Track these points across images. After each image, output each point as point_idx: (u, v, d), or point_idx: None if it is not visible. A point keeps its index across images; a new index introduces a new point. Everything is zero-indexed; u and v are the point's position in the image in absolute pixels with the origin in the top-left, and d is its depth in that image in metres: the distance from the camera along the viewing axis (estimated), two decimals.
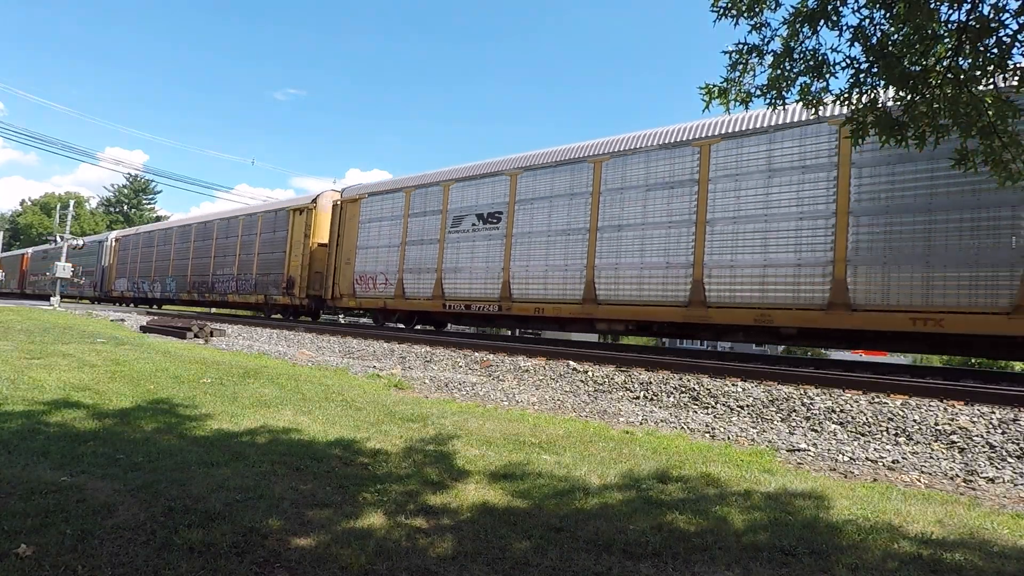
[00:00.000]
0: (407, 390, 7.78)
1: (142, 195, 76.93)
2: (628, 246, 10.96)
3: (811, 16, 3.03)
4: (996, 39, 2.76)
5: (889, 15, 2.98)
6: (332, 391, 6.84)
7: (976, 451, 4.99)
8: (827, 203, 8.90)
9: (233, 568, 2.36)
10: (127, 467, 3.57)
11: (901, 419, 5.63)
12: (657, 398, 7.15)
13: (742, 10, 3.10)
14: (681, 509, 3.31)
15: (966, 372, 9.39)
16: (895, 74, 2.95)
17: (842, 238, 8.71)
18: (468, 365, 9.61)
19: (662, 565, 2.60)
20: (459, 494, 3.42)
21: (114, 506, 2.93)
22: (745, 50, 3.24)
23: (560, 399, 7.24)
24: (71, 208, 35.20)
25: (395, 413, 5.73)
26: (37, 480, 3.23)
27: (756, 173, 9.66)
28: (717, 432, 5.78)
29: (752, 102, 3.37)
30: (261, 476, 3.54)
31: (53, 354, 8.65)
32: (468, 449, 4.49)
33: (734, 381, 7.26)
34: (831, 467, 4.74)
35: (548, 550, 2.68)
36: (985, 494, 4.15)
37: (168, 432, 4.52)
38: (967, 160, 3.15)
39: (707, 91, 3.38)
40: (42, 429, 4.35)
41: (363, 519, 2.96)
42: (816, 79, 3.22)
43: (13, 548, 2.40)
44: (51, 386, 6.13)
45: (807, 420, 5.95)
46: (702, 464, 4.37)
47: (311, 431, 4.82)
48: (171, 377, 7.18)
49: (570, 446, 4.74)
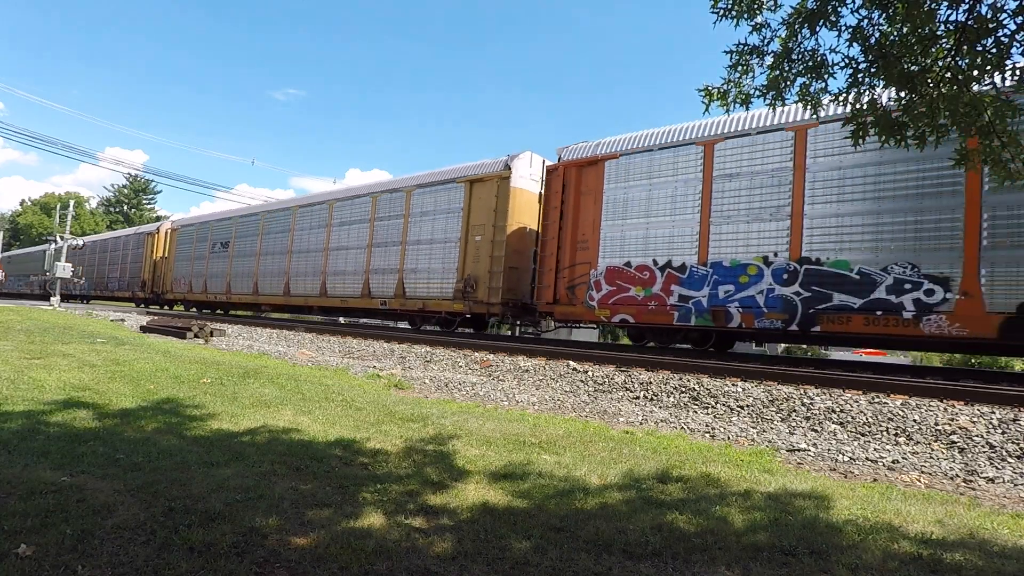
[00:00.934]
0: (407, 390, 7.78)
1: (142, 195, 76.91)
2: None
3: (810, 16, 3.03)
4: (995, 39, 2.76)
5: (887, 15, 2.98)
6: (332, 391, 6.84)
7: (976, 451, 4.99)
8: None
9: (233, 568, 2.36)
10: (127, 467, 3.57)
11: (901, 419, 5.64)
12: (657, 398, 7.15)
13: (742, 11, 3.10)
14: (681, 509, 3.31)
15: (966, 372, 9.39)
16: (894, 74, 2.95)
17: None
18: (468, 365, 9.62)
19: (662, 565, 2.61)
20: (459, 494, 3.42)
21: (114, 506, 2.93)
22: (745, 51, 3.24)
23: (560, 399, 7.24)
24: (71, 208, 35.20)
25: (395, 413, 5.73)
26: (37, 480, 3.23)
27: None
28: (717, 432, 5.78)
29: (752, 103, 3.37)
30: (261, 476, 3.54)
31: (53, 354, 8.66)
32: (468, 449, 4.49)
33: (734, 381, 7.26)
34: (831, 467, 4.74)
35: (548, 550, 2.69)
36: (985, 494, 4.15)
37: (168, 432, 4.52)
38: (967, 160, 3.15)
39: (707, 93, 3.38)
40: (42, 429, 4.35)
41: (363, 519, 2.96)
42: (815, 79, 3.22)
43: (13, 548, 2.40)
44: (51, 386, 6.13)
45: (807, 420, 5.95)
46: (702, 464, 4.37)
47: (311, 431, 4.82)
48: (171, 377, 7.19)
49: (570, 446, 4.74)
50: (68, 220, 32.54)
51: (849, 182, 8.81)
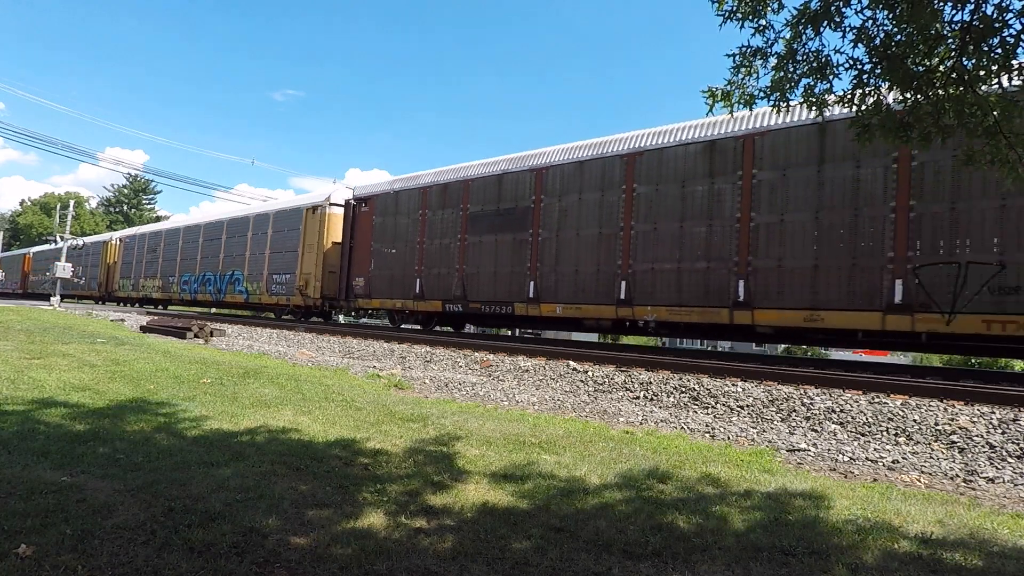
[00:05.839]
0: (407, 390, 7.78)
1: (142, 195, 76.85)
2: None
3: (814, 17, 3.02)
4: (1000, 39, 2.75)
5: (892, 16, 2.97)
6: (332, 391, 6.83)
7: (976, 451, 4.99)
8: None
9: (233, 568, 2.35)
10: (127, 467, 3.57)
11: (901, 419, 5.63)
12: (657, 398, 7.15)
13: (747, 13, 3.09)
14: (681, 509, 3.31)
15: (966, 372, 9.39)
16: (899, 75, 2.94)
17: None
18: (468, 365, 9.61)
19: (662, 565, 2.60)
20: (459, 494, 3.41)
21: (114, 506, 2.92)
22: (749, 52, 3.23)
23: (560, 399, 7.23)
24: (71, 208, 35.18)
25: (395, 413, 5.72)
26: (37, 480, 3.22)
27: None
28: (717, 432, 5.78)
29: (756, 103, 3.36)
30: (261, 476, 3.54)
31: (53, 354, 8.65)
32: (468, 449, 4.48)
33: (734, 381, 7.26)
34: (831, 467, 4.74)
35: (548, 550, 2.68)
36: (985, 494, 4.15)
37: (168, 432, 4.52)
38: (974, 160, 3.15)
39: (710, 94, 3.37)
40: (42, 429, 4.35)
41: (363, 519, 2.96)
42: (819, 80, 3.21)
43: (13, 548, 2.39)
44: (51, 386, 6.12)
45: (807, 420, 5.95)
46: (702, 464, 4.36)
47: (311, 431, 4.81)
48: (171, 377, 7.18)
49: (570, 446, 4.73)
50: (68, 220, 32.53)
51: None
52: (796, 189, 9.15)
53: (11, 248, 61.68)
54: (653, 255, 10.63)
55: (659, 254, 10.56)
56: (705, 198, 10.05)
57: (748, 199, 9.58)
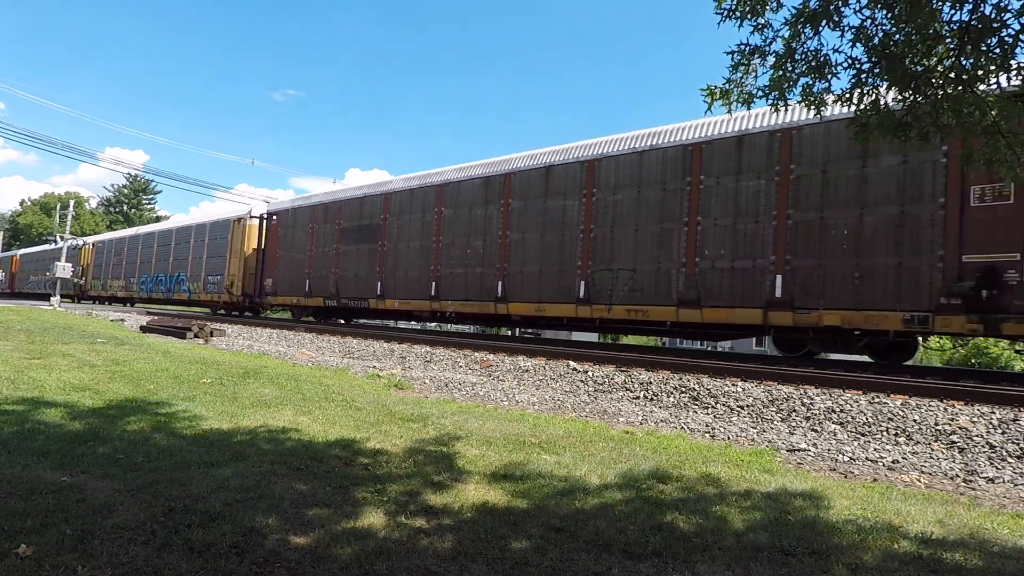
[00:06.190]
0: (407, 390, 7.78)
1: (142, 195, 76.88)
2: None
3: (813, 17, 3.02)
4: (998, 39, 2.75)
5: (891, 15, 2.97)
6: (332, 391, 6.84)
7: (976, 451, 4.99)
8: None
9: (233, 568, 2.35)
10: (127, 467, 3.57)
11: (901, 419, 5.63)
12: (657, 398, 7.15)
13: (745, 11, 3.09)
14: (681, 509, 3.31)
15: (966, 372, 9.39)
16: (897, 74, 2.94)
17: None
18: (468, 365, 9.61)
19: (662, 565, 2.60)
20: (459, 494, 3.42)
21: (114, 506, 2.93)
22: (747, 51, 3.24)
23: (560, 399, 7.23)
24: (71, 208, 35.19)
25: (395, 413, 5.72)
26: (37, 480, 3.22)
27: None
28: (717, 432, 5.78)
29: (754, 102, 3.36)
30: (261, 476, 3.54)
31: (53, 354, 8.65)
32: (468, 449, 4.48)
33: (734, 381, 7.26)
34: (831, 467, 4.74)
35: (548, 550, 2.68)
36: (985, 494, 4.15)
37: (168, 432, 4.52)
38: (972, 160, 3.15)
39: (709, 92, 3.37)
40: (42, 429, 4.35)
41: (363, 519, 2.96)
42: (818, 79, 3.21)
43: (13, 548, 2.39)
44: (51, 386, 6.13)
45: (807, 420, 5.95)
46: (702, 464, 4.36)
47: (311, 431, 4.81)
48: (171, 377, 7.18)
49: (570, 446, 4.73)
50: (68, 220, 32.54)
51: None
52: (532, 216, 12.77)
53: (11, 248, 61.70)
54: (451, 263, 14.25)
55: (455, 262, 14.16)
56: (481, 220, 13.71)
57: (507, 221, 13.20)
